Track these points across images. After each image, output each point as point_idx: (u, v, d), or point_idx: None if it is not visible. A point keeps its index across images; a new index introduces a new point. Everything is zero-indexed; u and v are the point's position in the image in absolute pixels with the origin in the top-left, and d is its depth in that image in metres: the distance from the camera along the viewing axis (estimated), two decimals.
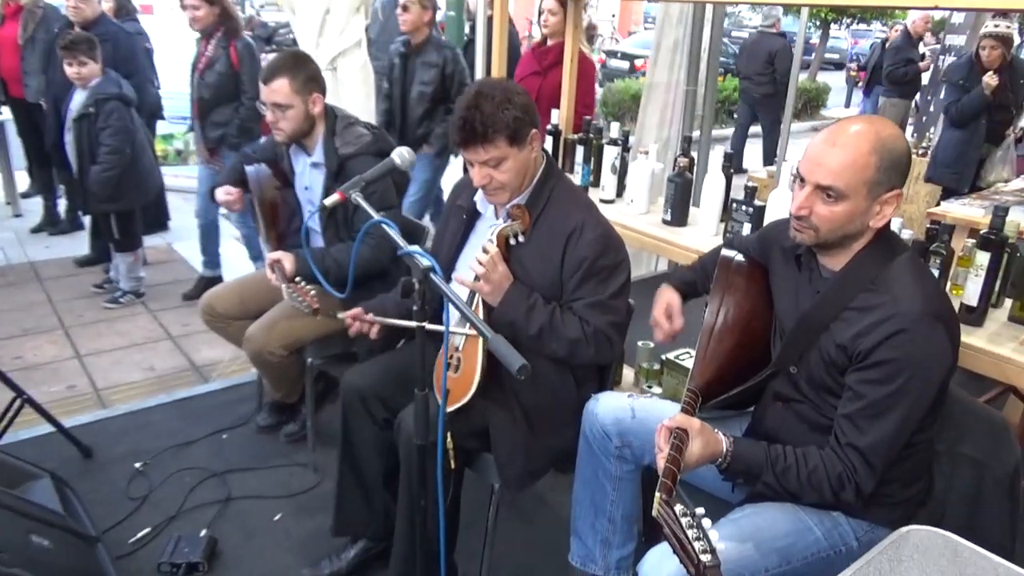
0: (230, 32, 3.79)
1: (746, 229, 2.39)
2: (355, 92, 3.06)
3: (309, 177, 2.55)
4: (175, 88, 5.60)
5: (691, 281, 2.01)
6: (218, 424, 2.99)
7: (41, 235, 5.27)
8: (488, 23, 3.21)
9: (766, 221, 2.26)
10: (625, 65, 14.04)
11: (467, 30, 5.94)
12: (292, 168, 2.62)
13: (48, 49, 4.56)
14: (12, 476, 2.25)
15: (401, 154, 1.74)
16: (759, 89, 7.88)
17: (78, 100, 3.82)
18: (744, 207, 2.41)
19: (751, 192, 2.40)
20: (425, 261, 1.33)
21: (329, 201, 1.66)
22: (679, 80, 4.54)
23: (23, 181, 5.78)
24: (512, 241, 1.88)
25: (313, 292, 2.08)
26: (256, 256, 4.33)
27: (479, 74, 3.20)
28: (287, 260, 2.31)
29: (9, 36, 4.78)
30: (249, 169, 2.63)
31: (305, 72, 2.46)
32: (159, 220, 5.07)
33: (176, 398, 3.22)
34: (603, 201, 2.89)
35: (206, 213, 4.25)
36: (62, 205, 5.40)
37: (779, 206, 2.29)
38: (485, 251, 1.84)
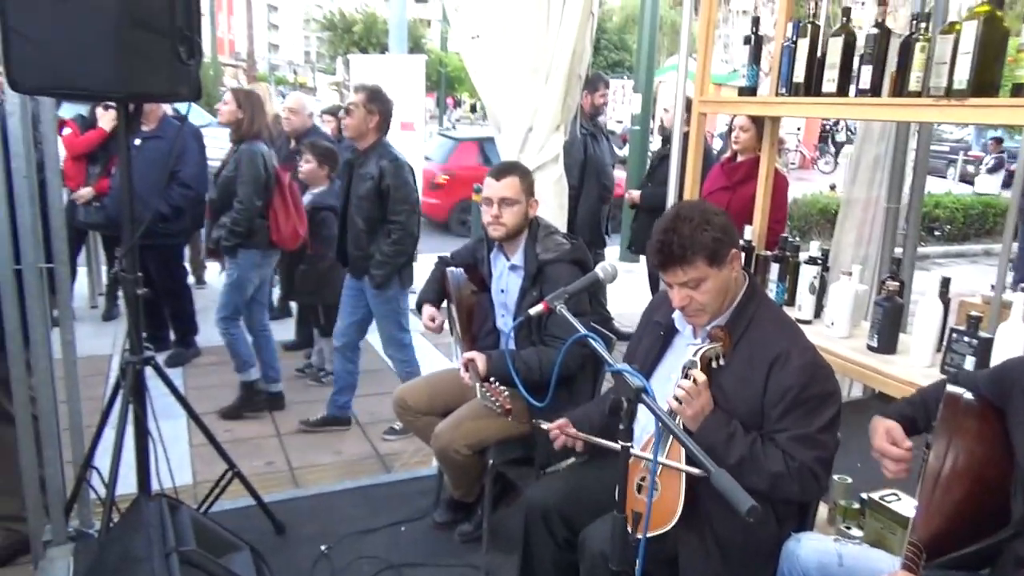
0: (242, 136, 3.88)
1: (968, 363, 2.17)
2: (550, 203, 3.20)
3: (506, 280, 2.68)
4: None
5: (910, 417, 1.84)
6: (398, 515, 3.07)
7: None
8: (683, 139, 3.27)
9: (993, 356, 2.06)
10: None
11: (659, 145, 6.05)
12: (490, 271, 2.76)
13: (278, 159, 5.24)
14: (218, 545, 2.43)
15: (605, 268, 1.79)
16: None
17: (304, 200, 4.33)
18: (966, 338, 2.20)
19: (974, 322, 2.20)
20: (636, 381, 1.32)
21: (534, 311, 1.72)
22: (879, 197, 4.34)
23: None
24: (713, 364, 1.84)
25: (507, 393, 2.14)
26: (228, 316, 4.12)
27: (671, 190, 3.24)
28: (481, 360, 2.41)
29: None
30: (450, 271, 2.81)
31: (530, 177, 2.72)
32: None
33: (360, 484, 3.37)
34: (800, 321, 2.76)
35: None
36: (275, 293, 6.00)
37: (1011, 341, 2.07)
38: (687, 375, 1.81)
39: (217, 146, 10.27)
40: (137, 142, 4.33)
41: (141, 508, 2.27)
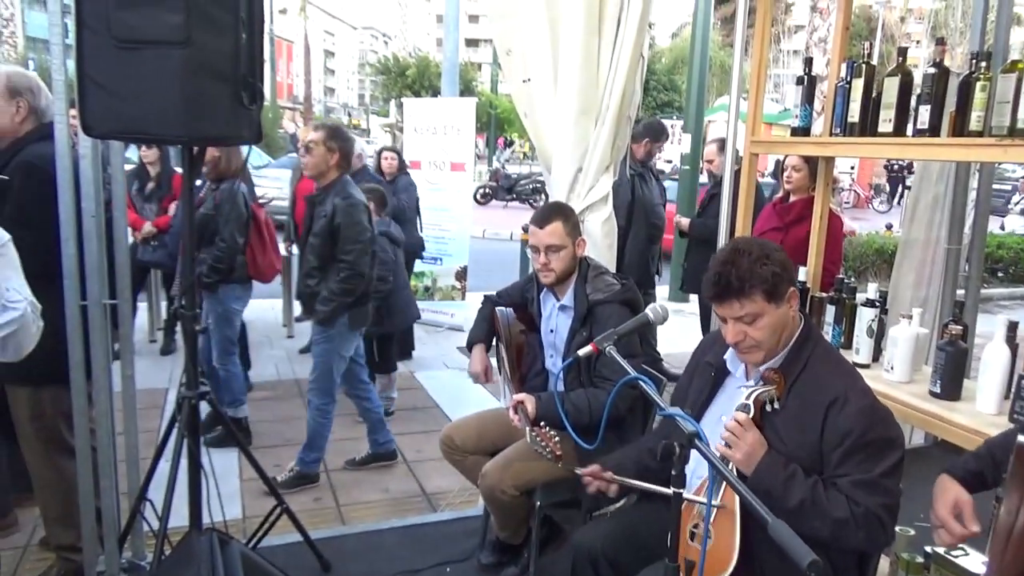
0: (220, 175, 4.07)
1: None
2: (600, 243, 3.20)
3: (556, 320, 2.67)
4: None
5: (977, 472, 1.74)
6: (443, 555, 3.05)
7: (306, 356, 5.93)
8: (734, 178, 3.24)
9: None
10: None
11: (710, 184, 6.00)
12: (540, 311, 2.76)
13: None
14: None
15: (655, 310, 1.77)
16: None
17: None
18: None
19: None
20: (689, 426, 1.30)
21: (583, 352, 1.71)
22: (940, 237, 4.22)
23: (298, 307, 6.63)
24: (767, 407, 1.80)
25: (557, 439, 2.12)
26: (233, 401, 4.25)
27: (723, 230, 3.21)
28: (530, 402, 2.39)
29: (306, 189, 5.66)
30: (500, 311, 2.82)
31: (573, 219, 2.72)
32: (407, 349, 5.52)
33: (407, 523, 3.36)
34: (857, 365, 2.69)
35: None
36: None
37: None
38: (735, 418, 1.77)
39: (274, 186, 10.62)
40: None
41: (192, 542, 2.30)
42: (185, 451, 2.40)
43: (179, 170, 5.07)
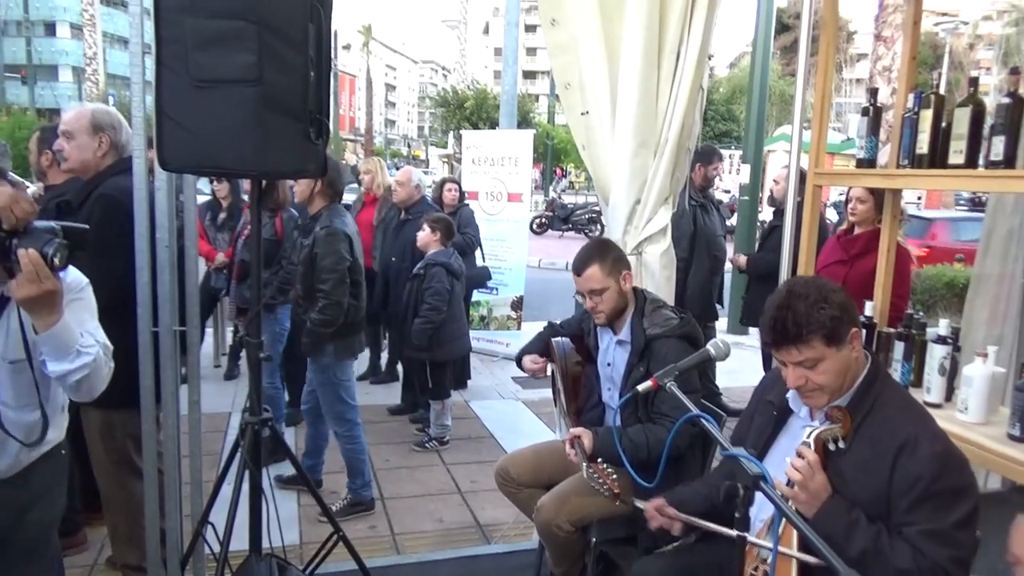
0: (276, 206, 4.37)
1: None
2: (658, 276, 3.17)
3: (613, 354, 2.65)
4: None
5: None
6: None
7: (364, 383, 6.02)
8: (797, 209, 3.18)
9: None
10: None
11: (770, 215, 5.91)
12: (597, 344, 2.74)
13: (387, 228, 5.48)
14: None
15: (717, 345, 1.74)
16: None
17: (419, 263, 4.52)
18: None
19: None
20: (754, 467, 1.27)
21: (642, 388, 1.69)
22: (1015, 272, 4.05)
23: None
24: (831, 447, 1.74)
25: (615, 476, 2.09)
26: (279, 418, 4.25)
27: (784, 264, 3.15)
28: (587, 437, 2.37)
29: (366, 219, 5.81)
30: (556, 340, 2.81)
31: (611, 255, 2.65)
32: (462, 378, 5.55)
33: (460, 555, 3.34)
34: (928, 405, 2.58)
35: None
36: (383, 358, 6.17)
37: None
38: (800, 455, 1.72)
39: None
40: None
41: (252, 567, 2.34)
42: (247, 476, 2.45)
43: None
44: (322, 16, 2.13)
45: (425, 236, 4.56)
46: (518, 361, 2.98)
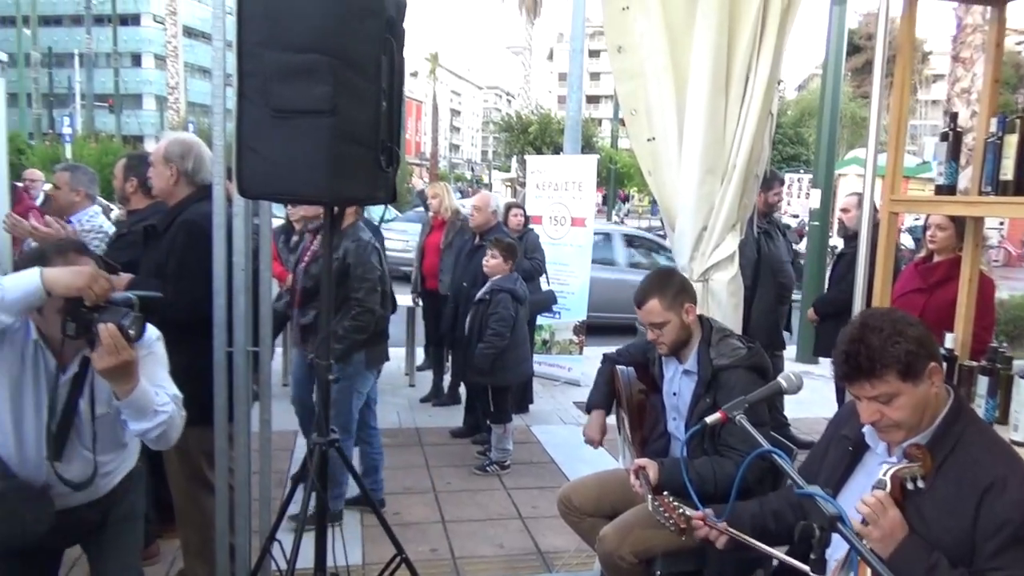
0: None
1: None
2: (724, 304, 3.12)
3: (679, 383, 2.61)
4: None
5: None
6: None
7: (427, 405, 6.08)
8: (872, 237, 3.08)
9: None
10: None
11: (841, 244, 5.73)
12: (662, 373, 2.70)
13: (459, 252, 5.52)
14: None
15: (789, 378, 1.70)
16: None
17: (484, 288, 4.55)
18: None
19: None
20: (831, 508, 1.23)
21: (711, 420, 1.66)
22: None
23: (420, 356, 6.84)
24: (910, 486, 1.67)
25: (681, 510, 2.04)
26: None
27: (858, 295, 3.05)
28: (652, 468, 2.33)
29: (433, 242, 5.89)
30: (620, 369, 2.78)
31: (672, 287, 2.61)
32: (523, 402, 5.54)
33: None
34: (1015, 443, 2.45)
35: (303, 400, 4.04)
36: (447, 381, 6.22)
37: None
38: (874, 492, 1.65)
39: (401, 238, 11.07)
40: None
41: None
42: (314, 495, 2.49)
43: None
44: (394, 48, 2.19)
45: (497, 264, 4.58)
46: (588, 409, 2.95)
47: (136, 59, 51.54)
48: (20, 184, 6.48)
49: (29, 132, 27.63)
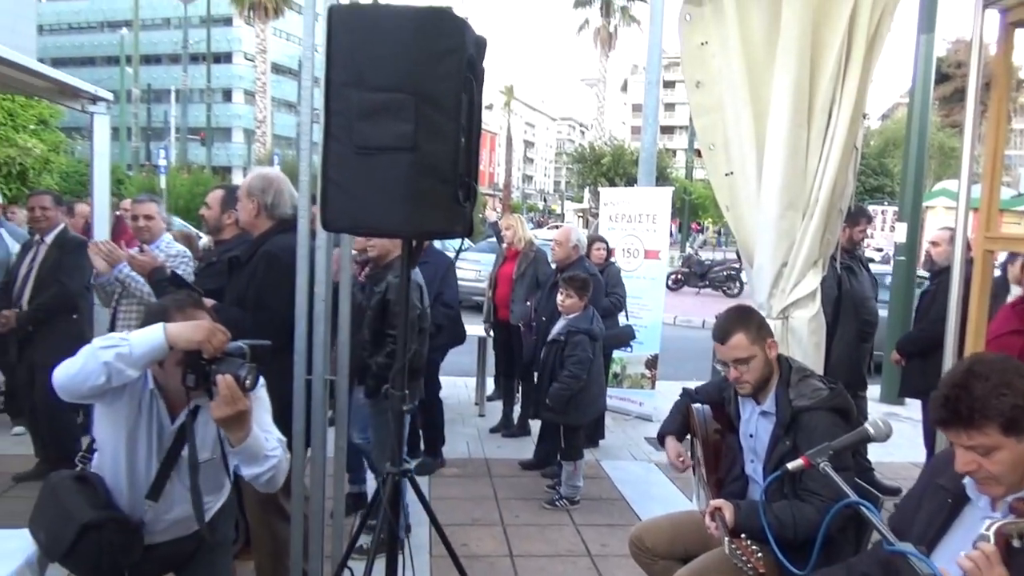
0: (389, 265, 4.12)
1: None
2: (805, 343, 3.02)
3: (756, 424, 2.53)
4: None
5: None
6: None
7: (496, 435, 6.07)
8: (965, 271, 2.93)
9: None
10: None
11: (928, 281, 5.46)
12: (738, 413, 2.63)
13: (534, 283, 5.53)
14: None
15: (877, 425, 1.63)
16: None
17: (558, 325, 4.52)
18: None
19: None
20: (926, 568, 1.16)
21: (792, 466, 1.61)
22: None
23: (491, 385, 6.85)
24: (1016, 543, 1.56)
25: (759, 554, 1.97)
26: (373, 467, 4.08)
27: (950, 337, 2.90)
28: (728, 510, 2.25)
29: (506, 273, 5.93)
30: (696, 407, 2.72)
31: (755, 321, 2.55)
32: (594, 437, 5.47)
33: None
34: None
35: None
36: (516, 412, 6.20)
37: None
38: (975, 547, 1.55)
39: (473, 268, 11.20)
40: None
41: None
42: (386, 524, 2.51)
43: None
44: (474, 87, 2.24)
45: (572, 304, 4.54)
46: (660, 439, 2.89)
47: (227, 94, 54.32)
48: (118, 213, 6.83)
49: (128, 164, 29.37)
